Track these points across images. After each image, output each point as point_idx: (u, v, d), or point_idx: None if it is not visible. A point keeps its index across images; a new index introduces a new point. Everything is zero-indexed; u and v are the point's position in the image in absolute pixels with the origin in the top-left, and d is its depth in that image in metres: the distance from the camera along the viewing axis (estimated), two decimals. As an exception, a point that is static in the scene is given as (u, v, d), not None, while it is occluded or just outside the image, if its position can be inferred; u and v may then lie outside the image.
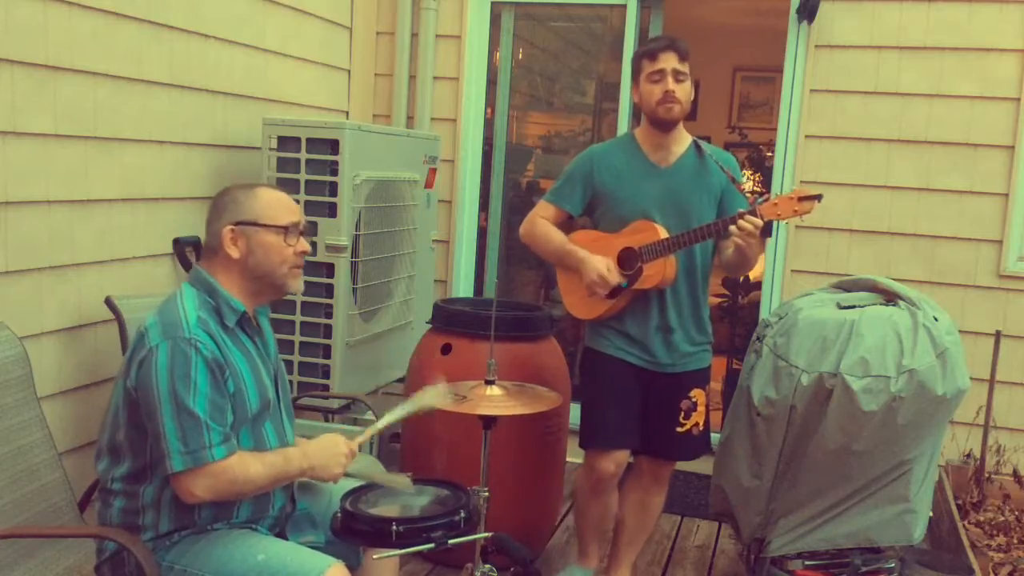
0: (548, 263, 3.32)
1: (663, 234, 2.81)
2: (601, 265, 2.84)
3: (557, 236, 2.99)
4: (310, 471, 2.11)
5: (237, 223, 2.09)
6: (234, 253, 2.09)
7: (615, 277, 2.85)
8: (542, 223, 3.01)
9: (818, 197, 2.59)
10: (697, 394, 2.99)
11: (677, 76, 2.82)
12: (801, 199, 2.60)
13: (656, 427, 2.99)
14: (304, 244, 2.17)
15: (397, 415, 2.26)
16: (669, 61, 2.82)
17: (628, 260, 2.86)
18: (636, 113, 4.57)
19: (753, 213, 2.65)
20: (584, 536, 3.20)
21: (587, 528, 3.18)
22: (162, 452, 1.95)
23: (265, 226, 2.10)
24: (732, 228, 2.67)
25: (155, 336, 1.98)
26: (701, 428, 3.01)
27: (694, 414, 2.98)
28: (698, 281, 2.97)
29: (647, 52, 2.86)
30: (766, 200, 2.65)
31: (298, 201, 3.48)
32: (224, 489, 1.98)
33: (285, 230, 2.12)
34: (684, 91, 2.83)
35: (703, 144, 2.97)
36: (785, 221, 2.69)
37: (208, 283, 2.10)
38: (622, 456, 2.97)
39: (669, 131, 2.90)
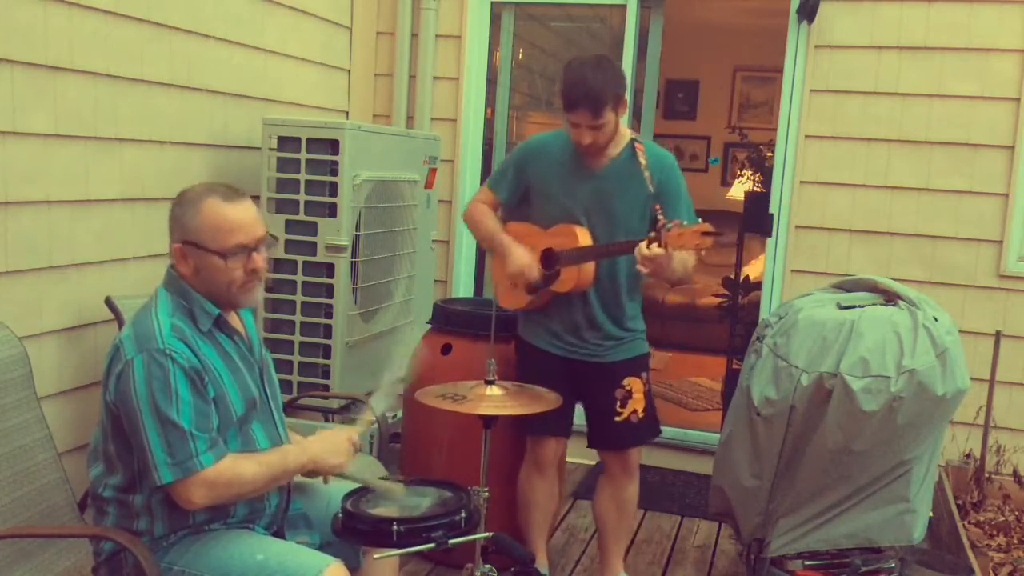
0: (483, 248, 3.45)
1: (582, 241, 2.86)
2: (524, 258, 2.91)
3: (491, 222, 3.06)
4: (311, 464, 2.10)
5: (184, 241, 2.04)
6: (184, 270, 2.05)
7: (533, 274, 2.91)
8: (480, 207, 3.09)
9: (718, 234, 2.57)
10: (631, 382, 3.02)
11: (593, 127, 2.77)
12: (704, 234, 2.55)
13: (598, 418, 3.06)
14: (257, 261, 2.05)
15: (387, 393, 2.27)
16: (583, 118, 2.75)
17: (549, 260, 2.93)
18: (636, 112, 4.58)
19: (659, 239, 2.59)
20: (532, 530, 3.18)
21: (533, 518, 3.17)
22: (148, 464, 1.93)
23: (207, 250, 2.02)
24: (635, 254, 2.64)
25: (130, 349, 1.95)
26: (641, 415, 3.04)
27: (630, 402, 3.01)
28: (620, 282, 2.96)
29: (564, 98, 2.78)
30: (673, 228, 2.58)
31: (298, 201, 3.49)
32: (221, 494, 1.97)
33: (225, 255, 2.01)
34: (605, 134, 2.80)
35: (644, 144, 2.93)
36: (689, 251, 2.67)
37: (181, 287, 2.06)
38: (556, 441, 3.11)
39: None
